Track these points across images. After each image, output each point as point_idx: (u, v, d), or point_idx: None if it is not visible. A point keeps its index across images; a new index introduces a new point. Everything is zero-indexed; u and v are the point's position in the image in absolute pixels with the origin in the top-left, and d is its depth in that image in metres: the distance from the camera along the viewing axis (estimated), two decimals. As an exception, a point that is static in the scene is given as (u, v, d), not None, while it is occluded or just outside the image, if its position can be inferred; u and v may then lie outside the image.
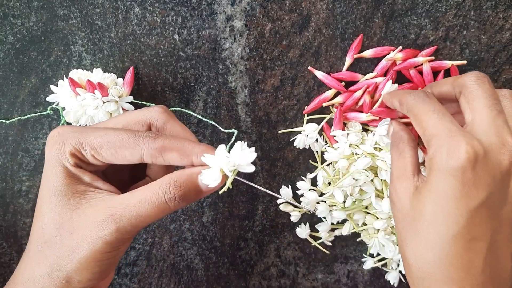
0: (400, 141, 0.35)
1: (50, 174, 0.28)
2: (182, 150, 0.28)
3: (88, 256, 0.27)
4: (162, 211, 0.27)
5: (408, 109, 0.33)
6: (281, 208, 0.44)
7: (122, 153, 0.28)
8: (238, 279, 0.47)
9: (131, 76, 0.40)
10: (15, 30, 0.41)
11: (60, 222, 0.28)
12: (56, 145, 0.28)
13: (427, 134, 0.30)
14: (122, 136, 0.28)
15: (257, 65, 0.42)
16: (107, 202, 0.28)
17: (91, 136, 0.28)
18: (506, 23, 0.40)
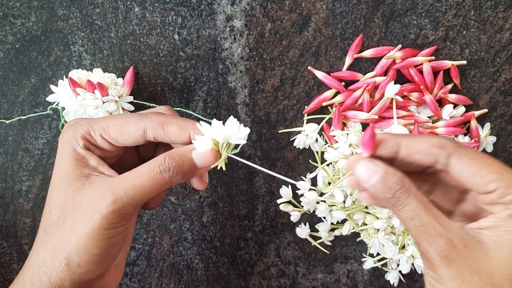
0: (395, 193, 0.27)
1: (60, 158, 0.30)
2: (181, 124, 0.30)
3: (86, 233, 0.28)
4: (158, 182, 0.28)
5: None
6: (281, 208, 0.44)
7: (127, 128, 0.30)
8: (238, 279, 0.47)
9: (131, 76, 0.40)
10: (15, 30, 0.41)
11: (64, 203, 0.29)
12: (69, 131, 0.30)
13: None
14: (127, 116, 0.31)
15: (257, 65, 0.42)
16: (107, 181, 0.29)
17: (99, 121, 0.31)
18: (506, 23, 0.40)
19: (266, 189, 0.45)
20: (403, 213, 0.27)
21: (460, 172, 0.27)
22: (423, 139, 0.28)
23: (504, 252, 0.26)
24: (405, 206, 0.27)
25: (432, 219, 0.26)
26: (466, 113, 0.41)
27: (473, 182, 0.27)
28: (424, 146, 0.28)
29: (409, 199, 0.27)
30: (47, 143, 0.44)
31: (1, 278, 0.47)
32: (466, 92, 0.42)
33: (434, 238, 0.26)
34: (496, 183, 0.26)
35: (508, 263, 0.26)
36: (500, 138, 0.43)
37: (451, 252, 0.26)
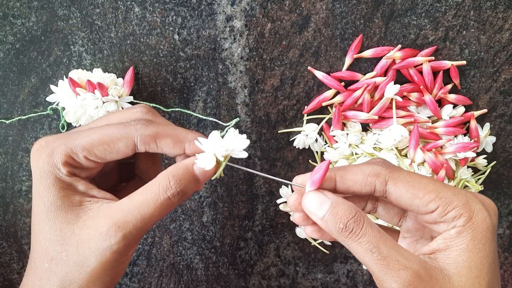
0: (348, 223, 0.26)
1: (43, 189, 0.27)
2: (176, 136, 0.28)
3: (98, 268, 0.27)
4: (165, 208, 0.27)
5: None
6: (281, 208, 0.44)
7: (116, 146, 0.27)
8: (238, 279, 0.47)
9: (131, 76, 0.40)
10: (15, 30, 0.41)
11: (63, 237, 0.27)
12: (43, 157, 0.27)
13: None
14: (111, 129, 0.27)
15: (257, 65, 0.42)
16: (106, 210, 0.27)
17: (79, 139, 0.27)
18: (505, 23, 0.40)
19: (266, 189, 0.45)
20: (360, 245, 0.25)
21: (399, 197, 0.27)
22: (356, 169, 0.28)
23: (464, 273, 0.25)
24: (361, 237, 0.25)
25: (393, 251, 0.25)
26: (466, 113, 0.41)
27: (413, 204, 0.27)
28: (358, 177, 0.28)
29: (364, 229, 0.25)
30: (47, 143, 0.44)
31: (1, 278, 0.47)
32: (466, 92, 0.42)
33: (398, 272, 0.24)
34: (435, 202, 0.26)
35: (470, 284, 0.25)
36: (500, 138, 0.43)
37: (418, 284, 0.24)
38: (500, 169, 0.44)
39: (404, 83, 0.41)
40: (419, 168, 0.40)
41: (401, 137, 0.39)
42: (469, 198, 0.26)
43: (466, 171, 0.41)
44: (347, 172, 0.28)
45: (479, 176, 0.43)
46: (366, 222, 0.26)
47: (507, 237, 0.46)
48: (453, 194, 0.26)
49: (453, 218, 0.26)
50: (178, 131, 0.28)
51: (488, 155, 0.43)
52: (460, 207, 0.26)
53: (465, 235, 0.26)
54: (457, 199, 0.26)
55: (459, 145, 0.40)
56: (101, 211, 0.27)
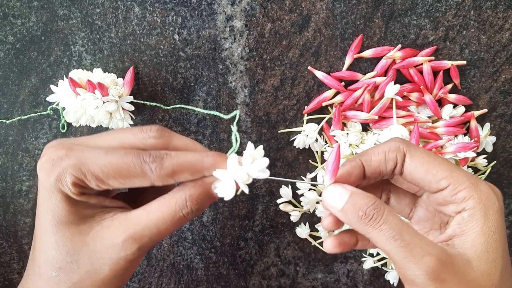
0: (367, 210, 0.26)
1: (52, 204, 0.27)
2: (193, 168, 0.27)
3: (110, 275, 0.27)
4: (180, 223, 0.28)
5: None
6: (281, 208, 0.44)
7: (131, 182, 0.26)
8: (238, 279, 0.47)
9: (131, 76, 0.40)
10: (15, 30, 0.41)
11: (74, 248, 0.27)
12: (54, 174, 0.26)
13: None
14: (127, 163, 0.26)
15: (257, 65, 0.42)
16: (121, 221, 0.27)
17: (93, 164, 0.26)
18: (505, 23, 0.40)
19: (266, 189, 0.45)
20: (382, 233, 0.25)
21: (413, 171, 0.28)
22: (377, 149, 0.29)
23: (483, 257, 0.25)
24: (383, 224, 0.25)
25: (416, 238, 0.25)
26: (466, 113, 0.41)
27: (425, 180, 0.27)
28: (381, 156, 0.29)
29: (385, 216, 0.26)
30: (47, 143, 0.44)
31: (1, 278, 0.47)
32: (466, 92, 0.42)
33: (422, 259, 0.24)
34: (447, 180, 0.27)
35: (488, 268, 0.25)
36: (500, 138, 0.43)
37: (443, 271, 0.25)
38: (500, 169, 0.44)
39: (404, 83, 0.41)
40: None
41: (401, 137, 0.39)
42: (478, 181, 0.27)
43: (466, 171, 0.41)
44: (370, 154, 0.29)
45: (479, 176, 0.43)
46: (387, 210, 0.26)
47: (507, 237, 0.46)
48: (465, 175, 0.27)
49: (463, 199, 0.26)
50: (194, 159, 0.27)
51: (488, 155, 0.43)
52: (470, 189, 0.26)
53: (478, 218, 0.26)
54: (467, 180, 0.27)
55: (459, 145, 0.40)
56: (116, 222, 0.27)
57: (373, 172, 0.29)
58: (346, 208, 0.27)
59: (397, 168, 0.29)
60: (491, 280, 0.25)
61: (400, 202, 0.33)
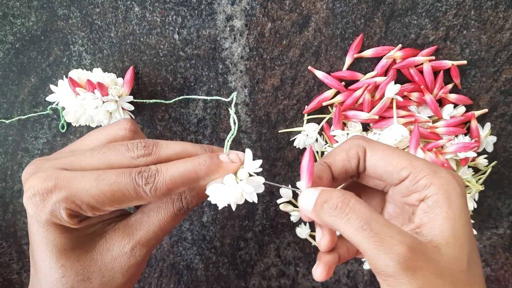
0: (332, 201, 0.26)
1: (51, 236, 0.26)
2: (187, 181, 0.26)
3: (123, 281, 0.28)
4: (180, 219, 0.29)
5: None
6: (281, 208, 0.44)
7: (127, 205, 0.26)
8: (238, 279, 0.47)
9: (131, 75, 0.40)
10: (15, 29, 0.41)
11: (82, 267, 0.27)
12: (46, 209, 0.25)
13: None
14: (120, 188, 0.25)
15: (257, 65, 0.42)
16: (124, 230, 0.28)
17: (86, 195, 0.25)
18: (506, 23, 0.40)
19: (266, 189, 0.45)
20: (350, 223, 0.25)
21: (375, 165, 0.28)
22: (339, 149, 0.29)
23: (451, 242, 0.25)
24: (350, 213, 0.25)
25: (385, 227, 0.24)
26: (467, 113, 0.41)
27: (387, 171, 0.28)
28: (343, 154, 0.29)
29: (352, 205, 0.25)
30: (47, 143, 0.44)
31: (1, 278, 0.47)
32: (467, 92, 0.42)
33: (392, 248, 0.24)
34: (407, 169, 0.27)
35: (457, 253, 0.25)
36: (501, 138, 0.43)
37: (414, 260, 0.24)
38: (501, 169, 0.44)
39: (404, 82, 0.41)
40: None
41: (402, 136, 0.39)
42: (438, 168, 0.27)
43: (467, 171, 0.41)
44: (333, 155, 0.30)
45: (479, 176, 0.43)
46: (354, 199, 0.26)
47: (508, 237, 0.46)
48: (424, 163, 0.27)
49: (424, 186, 0.26)
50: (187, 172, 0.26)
51: (488, 155, 0.43)
52: (430, 176, 0.26)
53: (442, 203, 0.26)
54: (427, 167, 0.27)
55: (459, 145, 0.40)
56: (118, 232, 0.28)
57: (340, 172, 0.29)
58: (316, 206, 0.26)
59: (360, 164, 0.29)
60: (460, 265, 0.25)
61: (370, 202, 0.32)
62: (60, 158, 0.27)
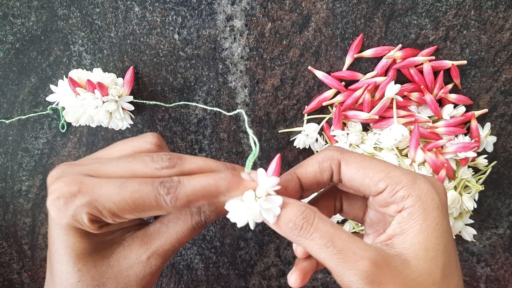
0: (296, 220, 0.26)
1: (71, 240, 0.26)
2: (208, 195, 0.26)
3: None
4: (197, 232, 0.29)
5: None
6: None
7: (147, 214, 0.26)
8: (238, 279, 0.47)
9: (131, 75, 0.40)
10: (15, 29, 0.41)
11: (98, 273, 0.27)
12: (69, 213, 0.25)
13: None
14: (141, 196, 0.25)
15: (257, 65, 0.42)
16: (142, 238, 0.28)
17: (108, 201, 0.25)
18: (506, 23, 0.40)
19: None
20: (314, 242, 0.25)
21: (351, 178, 0.27)
22: (311, 160, 0.29)
23: (422, 256, 0.25)
24: (314, 233, 0.25)
25: (348, 243, 0.25)
26: (467, 113, 0.41)
27: (364, 184, 0.27)
28: (315, 166, 0.28)
29: (315, 224, 0.25)
30: (47, 143, 0.44)
31: (1, 278, 0.47)
32: (467, 92, 0.42)
33: (355, 263, 0.24)
34: (385, 181, 0.26)
35: (428, 267, 0.25)
36: (500, 138, 0.43)
37: (378, 274, 0.24)
38: (501, 169, 0.44)
39: (404, 82, 0.41)
40: (420, 168, 0.40)
41: (402, 136, 0.39)
42: (417, 178, 0.26)
43: (466, 171, 0.41)
44: (304, 166, 0.29)
45: (479, 176, 0.43)
46: (317, 217, 0.25)
47: (507, 237, 0.46)
48: (402, 173, 0.26)
49: (402, 198, 0.26)
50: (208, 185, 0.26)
51: (488, 155, 0.43)
52: (408, 187, 0.26)
53: (417, 216, 0.25)
54: (405, 178, 0.26)
55: (459, 145, 0.40)
56: (137, 240, 0.28)
57: (310, 184, 0.29)
58: (278, 221, 0.26)
59: (334, 176, 0.28)
60: (432, 279, 0.25)
61: (352, 207, 0.32)
62: (86, 164, 0.27)
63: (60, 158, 0.44)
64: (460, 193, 0.41)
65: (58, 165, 0.27)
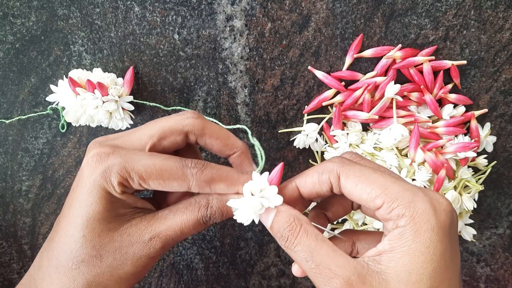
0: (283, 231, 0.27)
1: (91, 199, 0.28)
2: (229, 180, 0.28)
3: (130, 271, 0.28)
4: (200, 228, 0.30)
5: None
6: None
7: (170, 184, 0.28)
8: (238, 279, 0.47)
9: (131, 75, 0.40)
10: (15, 29, 0.41)
11: (100, 243, 0.28)
12: (99, 170, 0.27)
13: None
14: (170, 165, 0.28)
15: (257, 65, 0.42)
16: (149, 221, 0.29)
17: (138, 164, 0.27)
18: (506, 23, 0.40)
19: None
20: (297, 254, 0.26)
21: (350, 192, 0.27)
22: (311, 171, 0.29)
23: (403, 278, 0.24)
24: (296, 246, 0.26)
25: (326, 258, 0.25)
26: (466, 113, 0.41)
27: (362, 199, 0.27)
28: (314, 178, 0.28)
29: (299, 238, 0.26)
30: (47, 142, 0.44)
31: (1, 278, 0.47)
32: (466, 92, 0.42)
33: (330, 280, 0.25)
34: (381, 198, 0.26)
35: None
36: (500, 138, 0.43)
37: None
38: (501, 169, 0.44)
39: (404, 82, 0.41)
40: (420, 168, 0.40)
41: (401, 136, 0.39)
42: (416, 196, 0.25)
43: (466, 171, 0.41)
44: (304, 176, 0.29)
45: (479, 176, 0.43)
46: (302, 230, 0.26)
47: (507, 237, 0.46)
48: (400, 190, 0.26)
49: (397, 216, 0.25)
50: (232, 173, 0.29)
51: (488, 155, 0.43)
52: (403, 206, 0.25)
53: (407, 237, 0.25)
54: (402, 196, 0.25)
55: (459, 145, 0.40)
56: (144, 221, 0.29)
57: (309, 194, 0.29)
58: (272, 227, 0.27)
59: (334, 188, 0.28)
60: None
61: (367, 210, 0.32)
62: (120, 133, 0.30)
63: (60, 158, 0.44)
64: (460, 193, 0.41)
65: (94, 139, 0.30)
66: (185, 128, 0.29)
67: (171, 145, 0.30)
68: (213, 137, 0.30)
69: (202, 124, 0.30)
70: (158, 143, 0.29)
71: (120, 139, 0.30)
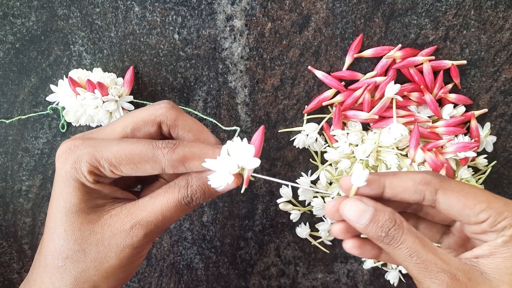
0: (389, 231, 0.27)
1: (66, 192, 0.27)
2: (204, 157, 0.27)
3: (116, 264, 0.28)
4: (184, 211, 0.29)
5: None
6: (281, 207, 0.44)
7: (142, 167, 0.27)
8: (238, 279, 0.47)
9: (131, 75, 0.40)
10: (15, 29, 0.41)
11: (81, 237, 0.28)
12: (69, 162, 0.27)
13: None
14: (139, 149, 0.27)
15: (257, 65, 0.42)
16: (130, 209, 0.28)
17: (106, 151, 0.27)
18: (506, 23, 0.40)
19: (266, 188, 0.45)
20: (400, 251, 0.27)
21: (449, 207, 0.28)
22: (407, 176, 0.29)
23: (506, 279, 0.26)
24: (401, 244, 0.27)
25: (432, 255, 0.26)
26: (466, 113, 0.41)
27: (463, 214, 0.27)
28: (409, 184, 0.28)
29: (404, 236, 0.27)
30: (47, 142, 0.44)
31: (1, 278, 0.47)
32: (466, 92, 0.42)
33: (436, 274, 0.26)
34: (486, 213, 0.27)
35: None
36: (500, 138, 0.43)
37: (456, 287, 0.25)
38: (501, 169, 0.44)
39: (404, 82, 0.41)
40: (420, 167, 0.40)
41: (401, 136, 0.39)
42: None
43: (466, 171, 0.41)
44: (397, 178, 0.29)
45: (479, 176, 0.43)
46: (406, 229, 0.27)
47: (508, 237, 0.46)
48: (504, 204, 0.27)
49: (503, 228, 0.27)
50: (204, 149, 0.28)
51: (488, 155, 0.43)
52: (511, 218, 0.26)
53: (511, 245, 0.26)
54: (507, 210, 0.27)
55: (459, 144, 0.40)
56: (124, 210, 0.28)
57: (392, 197, 0.29)
58: (368, 227, 0.27)
59: (424, 201, 0.28)
60: None
61: (431, 230, 0.33)
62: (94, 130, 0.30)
63: (60, 158, 0.44)
64: (460, 193, 0.41)
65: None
66: (158, 119, 0.29)
67: (144, 137, 0.29)
68: (185, 130, 0.29)
69: (175, 115, 0.29)
70: (132, 134, 0.29)
71: (95, 133, 0.29)
